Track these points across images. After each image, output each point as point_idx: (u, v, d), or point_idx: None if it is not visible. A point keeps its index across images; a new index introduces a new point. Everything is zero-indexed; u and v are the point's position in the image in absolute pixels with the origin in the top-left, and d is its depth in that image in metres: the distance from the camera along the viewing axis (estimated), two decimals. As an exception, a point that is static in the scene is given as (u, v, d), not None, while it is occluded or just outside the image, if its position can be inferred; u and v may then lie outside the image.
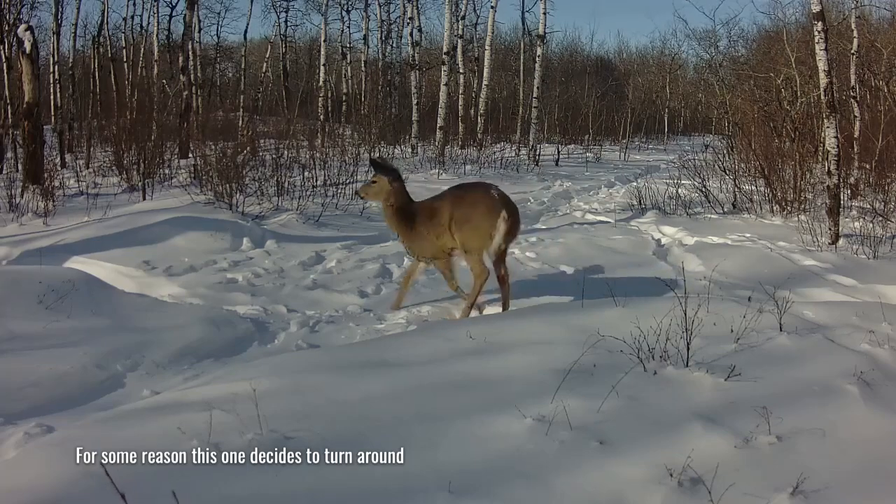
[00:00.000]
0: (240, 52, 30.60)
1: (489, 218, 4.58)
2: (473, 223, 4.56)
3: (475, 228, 4.54)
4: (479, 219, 4.58)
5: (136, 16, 25.44)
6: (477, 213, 4.60)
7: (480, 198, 4.68)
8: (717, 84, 25.85)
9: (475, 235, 4.56)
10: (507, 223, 4.64)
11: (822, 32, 7.37)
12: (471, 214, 4.58)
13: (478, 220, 4.57)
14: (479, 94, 20.29)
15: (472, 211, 4.60)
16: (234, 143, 9.76)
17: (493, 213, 4.60)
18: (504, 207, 4.68)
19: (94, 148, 13.99)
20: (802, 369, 3.16)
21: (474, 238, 4.57)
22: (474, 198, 4.67)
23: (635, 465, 2.40)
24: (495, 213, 4.61)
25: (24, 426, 2.87)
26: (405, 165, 12.41)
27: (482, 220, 4.58)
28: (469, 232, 4.56)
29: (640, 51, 41.19)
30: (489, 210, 4.61)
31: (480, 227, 4.56)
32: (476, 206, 4.62)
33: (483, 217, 4.59)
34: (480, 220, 4.58)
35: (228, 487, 2.24)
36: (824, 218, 7.39)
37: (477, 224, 4.56)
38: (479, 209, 4.61)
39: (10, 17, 16.10)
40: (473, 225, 4.55)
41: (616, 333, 3.23)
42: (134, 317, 4.39)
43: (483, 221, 4.58)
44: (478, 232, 4.55)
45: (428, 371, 3.17)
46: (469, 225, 4.57)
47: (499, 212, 4.62)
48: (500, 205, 4.67)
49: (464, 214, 4.61)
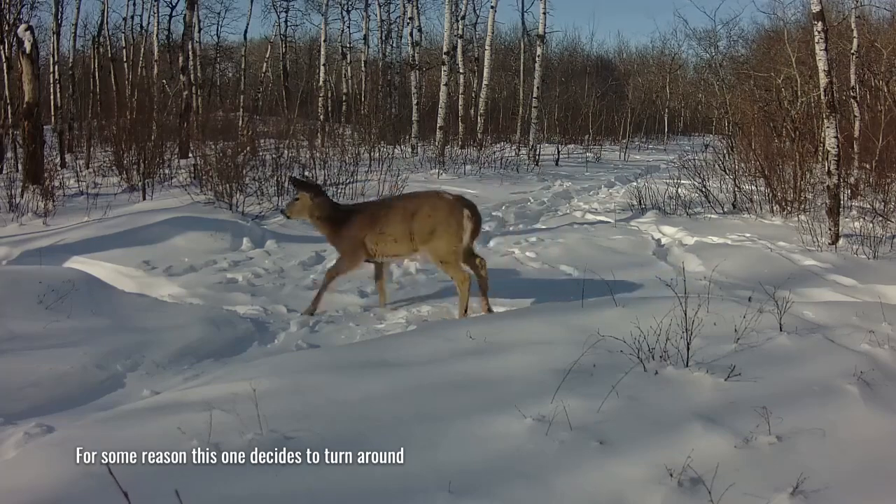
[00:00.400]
0: (240, 52, 30.62)
1: (454, 222, 4.61)
2: (440, 231, 4.59)
3: (443, 236, 4.58)
4: (445, 226, 4.60)
5: (136, 16, 25.48)
6: (441, 222, 4.61)
7: (439, 205, 4.70)
8: (717, 84, 25.86)
9: (446, 243, 4.59)
10: (472, 221, 4.68)
11: (822, 32, 7.37)
12: (435, 225, 4.60)
13: (443, 227, 4.59)
14: (479, 94, 20.29)
15: (435, 220, 4.62)
16: (234, 143, 9.75)
17: (457, 215, 4.63)
18: (464, 206, 4.72)
19: (94, 148, 13.99)
20: (802, 369, 3.16)
21: (446, 246, 4.59)
22: (433, 206, 4.68)
23: (635, 465, 2.40)
24: (458, 214, 4.64)
25: (24, 426, 2.87)
26: (405, 165, 12.40)
27: (448, 227, 4.60)
28: (439, 241, 4.58)
29: (640, 51, 41.22)
30: (451, 213, 4.63)
31: (448, 234, 4.59)
32: (437, 214, 4.64)
33: (448, 223, 4.61)
34: (446, 226, 4.60)
35: (228, 487, 2.24)
36: (824, 218, 7.39)
37: (444, 231, 4.58)
38: (441, 216, 4.63)
39: (10, 17, 16.10)
40: (440, 233, 4.58)
41: (616, 333, 3.23)
42: (134, 317, 4.39)
43: (449, 227, 4.61)
44: (447, 239, 4.58)
45: (428, 371, 3.18)
46: (436, 235, 4.60)
47: (461, 212, 4.66)
48: (460, 205, 4.72)
49: (427, 226, 4.62)
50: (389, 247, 4.74)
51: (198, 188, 8.65)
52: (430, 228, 4.59)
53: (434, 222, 4.59)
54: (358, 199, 9.00)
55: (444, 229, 4.57)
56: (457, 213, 4.63)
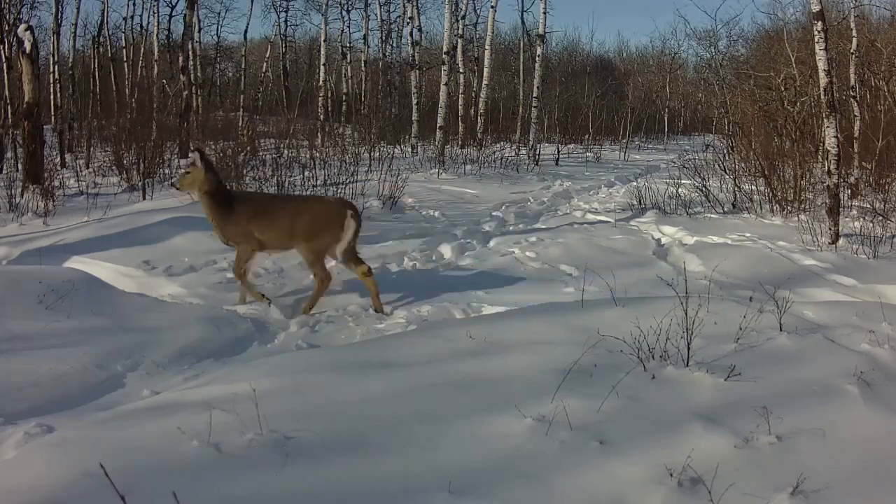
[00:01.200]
0: (240, 52, 30.64)
1: (336, 223, 4.89)
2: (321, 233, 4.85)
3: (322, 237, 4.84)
4: (328, 228, 4.87)
5: (136, 16, 25.54)
6: (325, 225, 4.88)
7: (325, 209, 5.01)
8: (717, 84, 25.86)
9: (323, 243, 4.85)
10: (355, 220, 4.94)
11: (822, 32, 7.37)
12: (318, 227, 4.86)
13: (326, 230, 4.87)
14: (479, 94, 20.29)
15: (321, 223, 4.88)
16: (234, 143, 9.75)
17: (340, 216, 4.90)
18: (347, 208, 5.00)
19: (94, 148, 13.99)
20: (802, 369, 3.16)
21: (321, 246, 4.85)
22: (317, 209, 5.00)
23: (635, 465, 2.40)
24: (342, 216, 4.90)
25: (24, 426, 2.87)
26: (405, 165, 12.40)
27: (330, 229, 4.88)
28: (316, 242, 4.84)
29: (640, 50, 41.28)
30: (336, 216, 4.90)
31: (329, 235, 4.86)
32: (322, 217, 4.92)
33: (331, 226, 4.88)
34: (328, 229, 4.87)
35: (228, 487, 2.24)
36: (824, 218, 7.38)
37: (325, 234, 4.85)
38: (325, 219, 4.91)
39: (10, 16, 16.10)
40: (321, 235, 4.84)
41: (616, 333, 3.23)
42: (134, 317, 4.39)
43: (332, 230, 4.88)
44: (325, 239, 4.84)
45: (428, 371, 3.18)
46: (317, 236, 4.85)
47: (345, 214, 4.92)
48: (342, 205, 5.02)
49: (310, 227, 4.87)
50: (271, 239, 4.96)
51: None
52: (313, 229, 4.85)
53: (319, 225, 4.86)
54: (357, 198, 9.00)
55: (325, 231, 4.84)
56: (340, 216, 4.90)
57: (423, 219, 8.84)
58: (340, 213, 4.94)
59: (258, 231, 4.91)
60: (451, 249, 7.02)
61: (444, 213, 9.21)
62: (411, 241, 7.25)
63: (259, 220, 4.91)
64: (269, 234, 4.93)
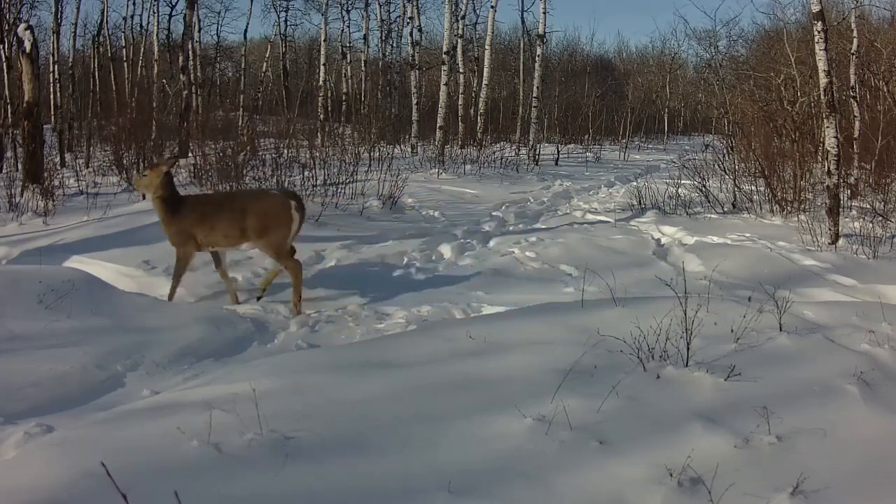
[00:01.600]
0: (240, 52, 30.62)
1: (285, 216, 4.99)
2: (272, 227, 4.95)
3: (276, 231, 4.94)
4: (277, 222, 4.97)
5: (136, 15, 25.51)
6: (273, 219, 4.97)
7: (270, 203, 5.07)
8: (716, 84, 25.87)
9: (278, 236, 4.94)
10: (300, 212, 5.05)
11: (822, 32, 7.36)
12: (268, 222, 4.95)
13: (275, 224, 4.97)
14: (479, 94, 20.28)
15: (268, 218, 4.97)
16: (234, 143, 9.74)
17: (287, 210, 5.01)
18: (291, 199, 5.10)
19: (93, 147, 13.98)
20: (802, 369, 3.16)
21: (278, 239, 4.95)
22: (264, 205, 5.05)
23: (635, 465, 2.40)
24: (288, 208, 5.02)
25: (24, 426, 2.87)
26: (405, 165, 12.40)
27: (280, 222, 4.98)
28: (272, 236, 4.94)
29: (639, 51, 41.27)
30: (282, 209, 5.00)
31: (280, 228, 4.96)
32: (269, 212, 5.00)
33: (279, 219, 4.98)
34: (278, 222, 4.97)
35: (228, 487, 2.24)
36: (824, 218, 7.38)
37: (276, 227, 4.95)
38: (273, 213, 4.99)
39: (10, 16, 16.10)
40: (273, 229, 4.94)
41: (616, 333, 3.24)
42: (134, 317, 4.39)
43: (281, 223, 4.99)
44: (279, 233, 4.96)
45: (428, 371, 3.18)
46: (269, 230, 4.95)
47: (290, 206, 5.04)
48: (287, 199, 5.10)
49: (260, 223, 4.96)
50: (219, 240, 5.05)
51: (198, 188, 8.64)
52: (263, 225, 4.93)
53: (267, 220, 4.94)
54: (357, 198, 9.00)
55: (276, 225, 4.94)
56: (286, 209, 5.00)
57: (423, 219, 8.84)
58: (285, 205, 5.03)
59: (203, 234, 5.01)
60: (451, 249, 7.02)
61: (443, 213, 9.21)
62: (411, 241, 7.25)
63: (201, 224, 5.00)
64: (214, 237, 5.02)
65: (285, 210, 5.00)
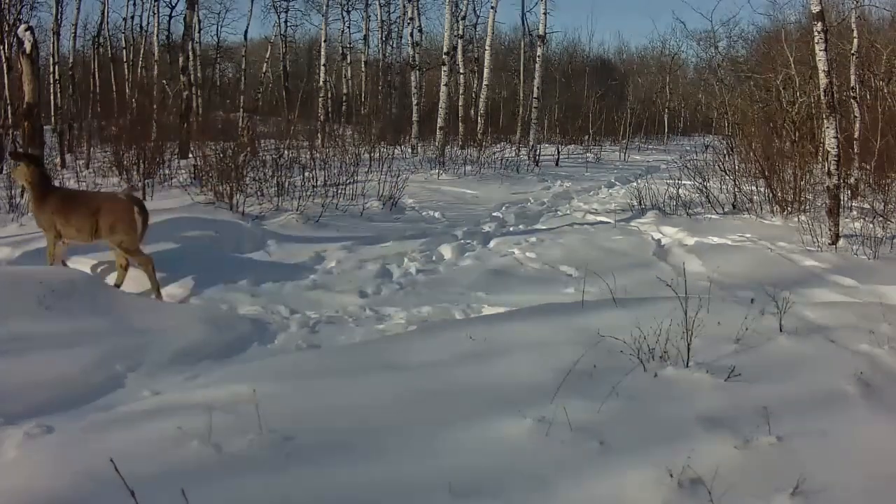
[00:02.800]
0: (240, 53, 30.57)
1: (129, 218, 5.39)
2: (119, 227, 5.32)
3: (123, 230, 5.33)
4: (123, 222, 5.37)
5: (136, 16, 25.40)
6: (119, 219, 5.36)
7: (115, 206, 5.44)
8: (716, 84, 25.87)
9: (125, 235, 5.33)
10: (141, 216, 5.43)
11: (822, 33, 7.36)
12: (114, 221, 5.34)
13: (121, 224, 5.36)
14: (480, 95, 20.28)
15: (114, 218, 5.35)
16: (234, 144, 9.72)
17: (130, 212, 5.40)
18: (135, 204, 5.49)
19: (94, 148, 13.95)
20: (803, 370, 3.16)
21: (126, 238, 5.33)
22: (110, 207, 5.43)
23: (636, 465, 2.40)
24: (131, 211, 5.41)
25: (24, 426, 2.86)
26: (405, 166, 12.39)
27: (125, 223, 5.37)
28: (120, 235, 5.31)
29: (639, 51, 41.26)
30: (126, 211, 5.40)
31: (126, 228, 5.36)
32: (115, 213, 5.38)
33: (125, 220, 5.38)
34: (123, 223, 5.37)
35: (229, 488, 2.24)
36: (824, 218, 7.38)
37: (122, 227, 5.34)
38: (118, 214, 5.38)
39: (10, 17, 16.10)
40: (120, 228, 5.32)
41: (616, 334, 3.24)
42: (134, 317, 4.39)
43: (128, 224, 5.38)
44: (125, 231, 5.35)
45: (428, 372, 3.18)
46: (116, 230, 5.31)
47: (132, 209, 5.42)
48: (131, 202, 5.50)
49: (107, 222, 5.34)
50: (72, 234, 5.42)
51: (198, 188, 8.64)
52: (111, 224, 5.32)
53: (113, 220, 5.34)
54: (358, 199, 9.00)
55: (122, 225, 5.34)
56: (129, 213, 5.41)
57: (423, 219, 8.84)
58: (128, 209, 5.41)
59: (59, 224, 5.39)
60: (452, 250, 7.02)
61: (444, 213, 9.21)
62: (411, 242, 7.25)
63: (59, 215, 5.38)
64: (69, 230, 5.39)
65: (129, 213, 5.41)
